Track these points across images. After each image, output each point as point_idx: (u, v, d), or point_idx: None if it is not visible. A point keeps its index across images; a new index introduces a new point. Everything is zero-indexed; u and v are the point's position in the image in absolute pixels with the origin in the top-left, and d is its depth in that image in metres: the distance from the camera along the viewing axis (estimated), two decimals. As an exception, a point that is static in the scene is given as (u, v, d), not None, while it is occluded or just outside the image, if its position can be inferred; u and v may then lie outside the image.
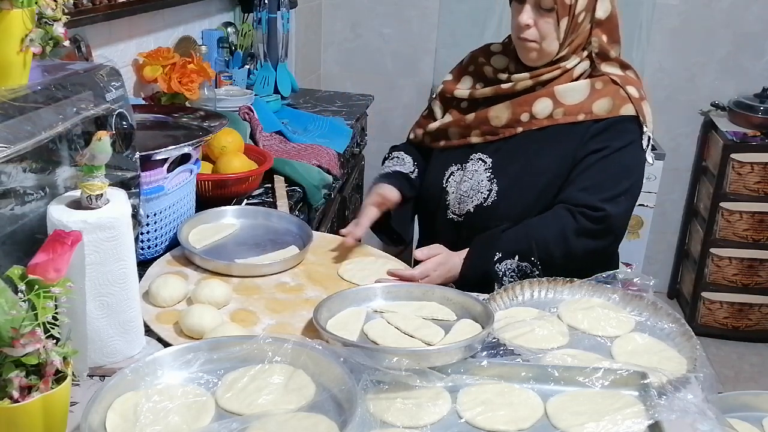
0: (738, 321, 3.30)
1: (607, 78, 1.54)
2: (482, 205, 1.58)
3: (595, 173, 1.50)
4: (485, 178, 1.57)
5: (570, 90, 1.53)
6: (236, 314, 1.25)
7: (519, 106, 1.56)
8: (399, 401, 1.00)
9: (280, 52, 2.75)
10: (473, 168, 1.60)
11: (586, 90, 1.53)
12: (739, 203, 3.14)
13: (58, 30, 1.04)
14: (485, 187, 1.57)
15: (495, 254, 1.47)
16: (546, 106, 1.54)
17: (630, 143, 1.52)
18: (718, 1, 3.25)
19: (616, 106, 1.51)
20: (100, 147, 1.00)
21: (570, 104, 1.53)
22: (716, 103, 3.29)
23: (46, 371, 0.83)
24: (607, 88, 1.53)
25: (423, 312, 1.24)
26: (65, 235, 0.92)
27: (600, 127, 1.52)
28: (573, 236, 1.48)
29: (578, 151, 1.52)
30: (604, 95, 1.52)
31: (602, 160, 1.50)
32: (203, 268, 1.40)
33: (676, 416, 0.96)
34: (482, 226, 1.56)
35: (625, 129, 1.52)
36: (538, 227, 1.50)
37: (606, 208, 1.48)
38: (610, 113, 1.51)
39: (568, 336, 1.20)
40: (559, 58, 1.54)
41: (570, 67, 1.54)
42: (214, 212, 1.59)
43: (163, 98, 2.09)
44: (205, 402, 0.98)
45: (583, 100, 1.52)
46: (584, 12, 1.50)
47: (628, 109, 1.52)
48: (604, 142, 1.51)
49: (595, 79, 1.54)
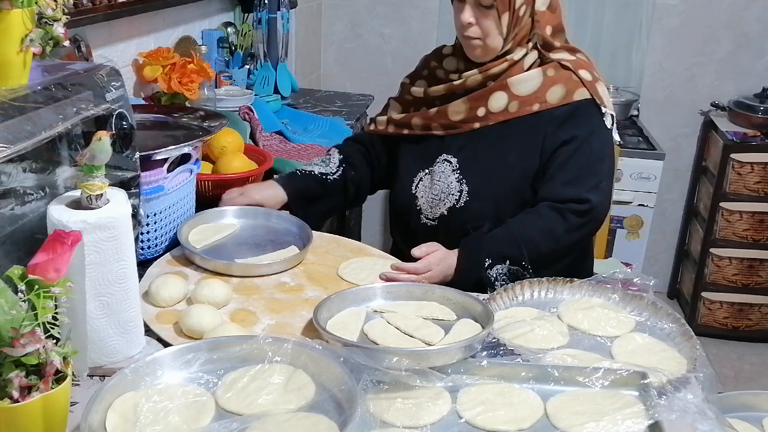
0: (738, 321, 3.30)
1: (557, 64, 1.54)
2: (455, 207, 1.58)
3: (572, 166, 1.51)
4: (454, 179, 1.58)
5: (522, 80, 1.54)
6: (236, 314, 1.25)
7: (475, 101, 1.57)
8: (399, 401, 1.00)
9: (280, 52, 2.75)
10: (440, 170, 1.61)
11: (539, 78, 1.54)
12: (739, 203, 3.14)
13: (58, 30, 1.04)
14: (455, 189, 1.58)
15: (485, 260, 1.46)
16: (500, 100, 1.55)
17: (595, 129, 1.53)
18: (718, 1, 3.24)
19: (569, 91, 1.53)
20: (100, 147, 1.00)
21: (524, 95, 1.54)
22: (716, 103, 3.29)
23: (46, 371, 0.83)
24: (559, 74, 1.54)
25: (423, 312, 1.24)
26: (65, 235, 0.92)
27: (560, 116, 1.53)
28: (564, 235, 1.49)
29: (545, 143, 1.53)
30: (556, 82, 1.53)
31: (575, 152, 1.51)
32: (203, 268, 1.40)
33: (676, 416, 0.96)
34: (459, 227, 1.56)
35: (586, 114, 1.53)
36: (526, 229, 1.49)
37: (591, 199, 1.49)
38: (564, 100, 1.52)
39: (568, 336, 1.20)
40: (505, 51, 1.55)
41: (517, 58, 1.55)
42: (214, 212, 1.59)
43: (163, 98, 2.09)
44: (205, 402, 0.98)
45: (536, 89, 1.53)
46: (524, 5, 1.51)
47: (582, 94, 1.53)
48: (571, 132, 1.52)
49: (546, 67, 1.55)
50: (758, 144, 3.08)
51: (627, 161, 3.00)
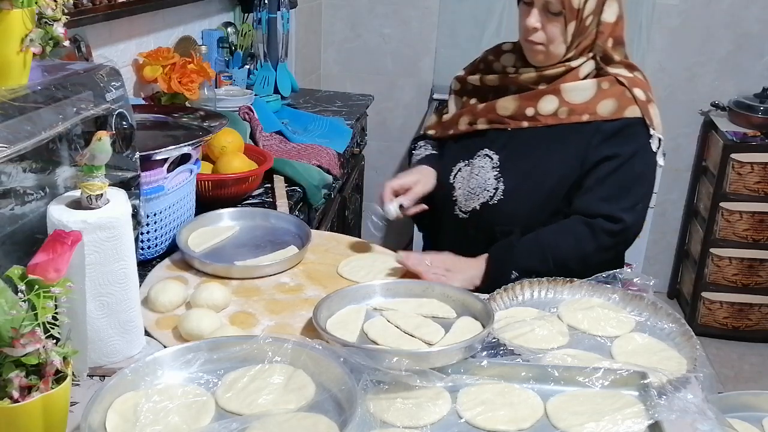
0: (738, 321, 3.30)
1: (613, 78, 1.52)
2: (488, 204, 1.57)
3: (611, 183, 1.50)
4: (492, 176, 1.57)
5: (576, 88, 1.52)
6: (236, 317, 1.25)
7: (525, 100, 1.56)
8: (399, 401, 1.00)
9: (280, 52, 2.75)
10: (480, 164, 1.60)
11: (593, 89, 1.52)
12: (739, 203, 3.14)
13: (58, 30, 1.04)
14: (492, 186, 1.57)
15: (512, 273, 1.45)
16: (551, 104, 1.53)
17: (640, 149, 1.51)
18: (718, 1, 3.24)
19: (620, 107, 1.51)
20: (100, 147, 1.00)
21: (575, 103, 1.52)
22: (716, 103, 3.29)
23: (46, 371, 0.83)
24: (613, 89, 1.52)
25: (423, 310, 1.24)
26: (65, 235, 0.92)
27: (608, 131, 1.51)
28: (593, 254, 1.48)
29: (588, 154, 1.51)
30: (609, 96, 1.51)
31: (616, 169, 1.50)
32: (203, 271, 1.39)
33: (676, 416, 0.96)
34: (487, 225, 1.56)
35: (634, 134, 1.51)
36: (557, 245, 1.48)
37: (625, 218, 1.48)
38: (614, 115, 1.51)
39: (568, 336, 1.20)
40: (566, 58, 1.53)
41: (575, 66, 1.53)
42: (212, 215, 1.58)
43: (163, 98, 2.09)
44: (205, 402, 0.98)
45: (589, 100, 1.52)
46: (592, 15, 1.50)
47: (633, 111, 1.51)
48: (615, 149, 1.50)
49: (601, 79, 1.53)
50: (758, 144, 3.08)
51: (627, 161, 2.99)
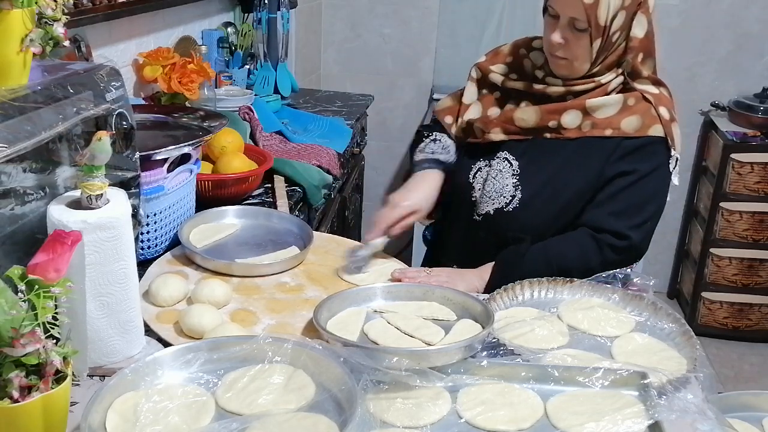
0: (738, 321, 3.30)
1: (640, 95, 1.50)
2: (502, 210, 1.55)
3: (623, 199, 1.49)
4: (511, 183, 1.55)
5: (601, 104, 1.50)
6: (236, 314, 1.25)
7: (548, 113, 1.52)
8: (399, 401, 1.00)
9: (280, 52, 2.75)
10: (499, 167, 1.57)
11: (618, 105, 1.50)
12: (739, 203, 3.14)
13: (58, 30, 1.04)
14: (509, 193, 1.55)
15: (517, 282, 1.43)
16: (575, 118, 1.51)
17: (657, 167, 1.50)
18: (718, 1, 3.24)
19: (645, 125, 1.49)
20: (100, 147, 1.00)
21: (600, 118, 1.50)
22: (716, 103, 3.29)
23: (46, 371, 0.83)
24: (639, 106, 1.50)
25: (423, 312, 1.24)
26: (65, 235, 0.92)
27: (629, 147, 1.49)
28: (597, 268, 1.46)
29: (605, 169, 1.50)
30: (634, 113, 1.49)
31: (631, 185, 1.49)
32: (204, 267, 1.40)
33: (676, 416, 0.96)
34: (500, 231, 1.54)
35: (654, 152, 1.50)
36: (562, 254, 1.48)
37: (631, 236, 1.47)
38: (638, 132, 1.49)
39: (568, 336, 1.20)
40: (593, 73, 1.51)
41: (605, 82, 1.51)
42: (214, 212, 1.59)
43: (163, 98, 2.09)
44: (205, 402, 0.98)
45: (613, 115, 1.50)
46: (619, 31, 1.46)
47: (656, 130, 1.49)
48: (633, 165, 1.49)
49: (628, 95, 1.50)
50: (758, 144, 3.08)
51: (627, 161, 3.00)
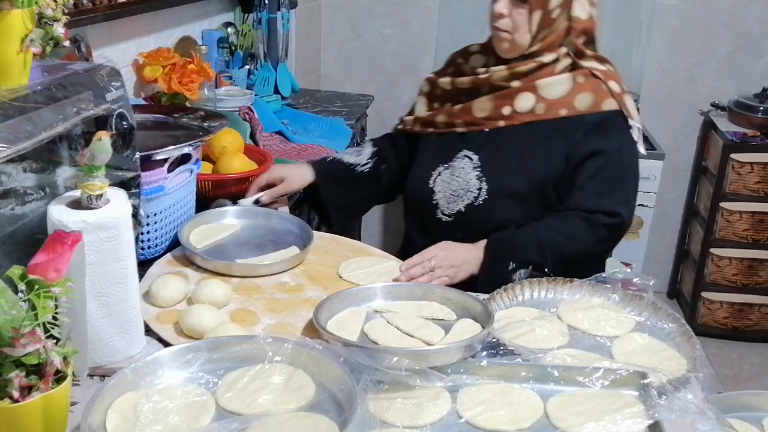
0: (738, 321, 3.30)
1: (588, 72, 1.56)
2: (474, 205, 1.58)
3: (603, 179, 1.52)
4: (474, 176, 1.58)
5: (551, 84, 1.55)
6: (236, 314, 1.25)
7: (501, 99, 1.57)
8: (399, 401, 1.00)
9: (280, 52, 2.75)
10: (460, 166, 1.61)
11: (568, 84, 1.55)
12: (739, 203, 3.14)
13: (58, 30, 1.04)
14: (474, 186, 1.58)
15: (509, 264, 1.46)
16: (527, 100, 1.55)
17: (623, 142, 1.55)
18: (718, 1, 3.24)
19: (598, 101, 1.54)
20: (100, 147, 1.00)
21: (552, 98, 1.55)
22: (716, 103, 3.29)
23: (46, 371, 0.83)
24: (589, 83, 1.55)
25: (423, 312, 1.24)
26: (65, 236, 0.92)
27: (589, 125, 1.53)
28: (592, 246, 1.50)
29: (573, 149, 1.53)
30: (585, 90, 1.54)
31: (605, 165, 1.52)
32: (204, 268, 1.40)
33: (676, 416, 0.96)
34: (477, 225, 1.56)
35: (615, 126, 1.55)
36: (554, 237, 1.49)
37: (621, 212, 1.51)
38: (592, 108, 1.53)
39: (568, 336, 1.20)
40: (533, 52, 1.55)
41: (546, 62, 1.56)
42: (215, 212, 1.59)
43: (163, 98, 2.09)
44: (205, 402, 0.98)
45: (565, 95, 1.54)
46: (559, 8, 1.52)
47: (610, 104, 1.54)
48: (599, 143, 1.53)
49: (576, 73, 1.56)
50: (758, 144, 3.07)
51: (627, 161, 2.99)
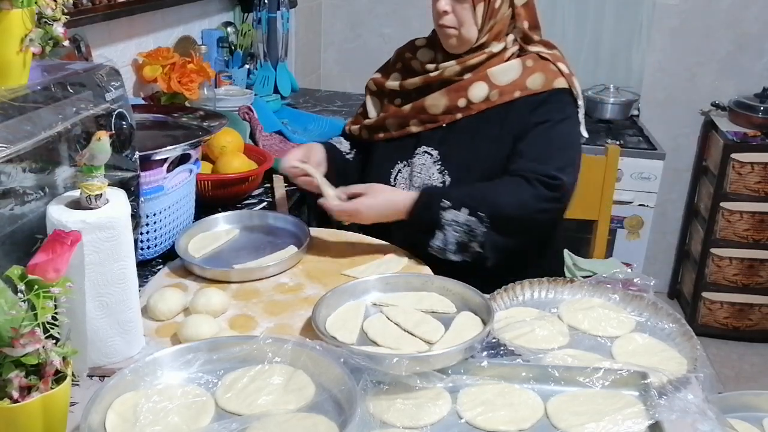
0: (738, 321, 3.30)
1: (536, 55, 1.58)
2: None
3: (543, 144, 1.52)
4: (436, 170, 1.59)
5: (503, 70, 1.56)
6: (235, 320, 1.24)
7: (455, 92, 1.58)
8: (399, 401, 1.00)
9: (279, 51, 2.75)
10: (421, 162, 1.61)
11: (518, 69, 1.56)
12: (740, 203, 3.14)
13: (57, 30, 1.04)
14: (437, 180, 1.58)
15: (442, 201, 1.43)
16: (481, 90, 1.56)
17: (568, 117, 1.56)
18: (718, 1, 3.24)
19: (549, 80, 1.55)
20: (99, 147, 1.00)
21: (504, 84, 1.56)
22: (716, 103, 3.29)
23: (46, 371, 0.83)
24: (538, 64, 1.57)
25: (422, 304, 1.24)
26: (65, 235, 0.92)
27: (539, 99, 1.55)
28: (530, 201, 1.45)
29: (519, 125, 1.54)
30: (536, 71, 1.55)
31: (547, 131, 1.53)
32: (203, 277, 1.38)
33: (676, 416, 0.96)
34: None
35: (563, 101, 1.56)
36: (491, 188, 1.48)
37: (561, 176, 1.49)
38: (543, 87, 1.55)
39: (568, 336, 1.20)
40: (482, 44, 1.56)
41: (496, 51, 1.57)
42: (209, 220, 1.57)
43: (163, 98, 2.09)
44: (205, 402, 0.98)
45: (517, 78, 1.55)
46: None
47: (560, 83, 1.56)
48: (545, 115, 1.53)
49: (525, 58, 1.58)
50: (758, 144, 3.08)
51: (627, 161, 2.99)
